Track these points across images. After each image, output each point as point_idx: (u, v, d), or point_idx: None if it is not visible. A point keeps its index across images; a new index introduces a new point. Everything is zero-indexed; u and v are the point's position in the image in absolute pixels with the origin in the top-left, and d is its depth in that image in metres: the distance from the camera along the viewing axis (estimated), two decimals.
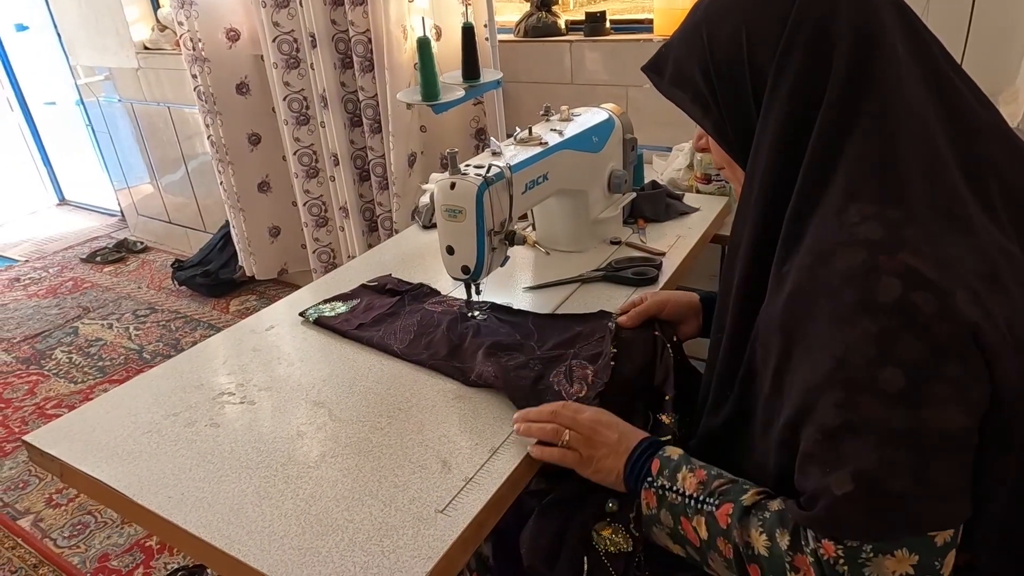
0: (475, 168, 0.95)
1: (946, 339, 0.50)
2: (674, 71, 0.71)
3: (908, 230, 0.53)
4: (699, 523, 0.64)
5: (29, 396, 2.29)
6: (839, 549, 0.53)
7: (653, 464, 0.69)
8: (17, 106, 3.93)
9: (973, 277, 0.52)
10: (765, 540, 0.58)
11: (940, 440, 0.50)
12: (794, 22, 0.60)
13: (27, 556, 1.65)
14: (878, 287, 0.51)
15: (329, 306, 1.10)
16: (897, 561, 0.51)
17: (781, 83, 0.61)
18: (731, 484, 0.64)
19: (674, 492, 0.66)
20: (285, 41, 2.09)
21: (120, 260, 3.32)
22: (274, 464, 0.78)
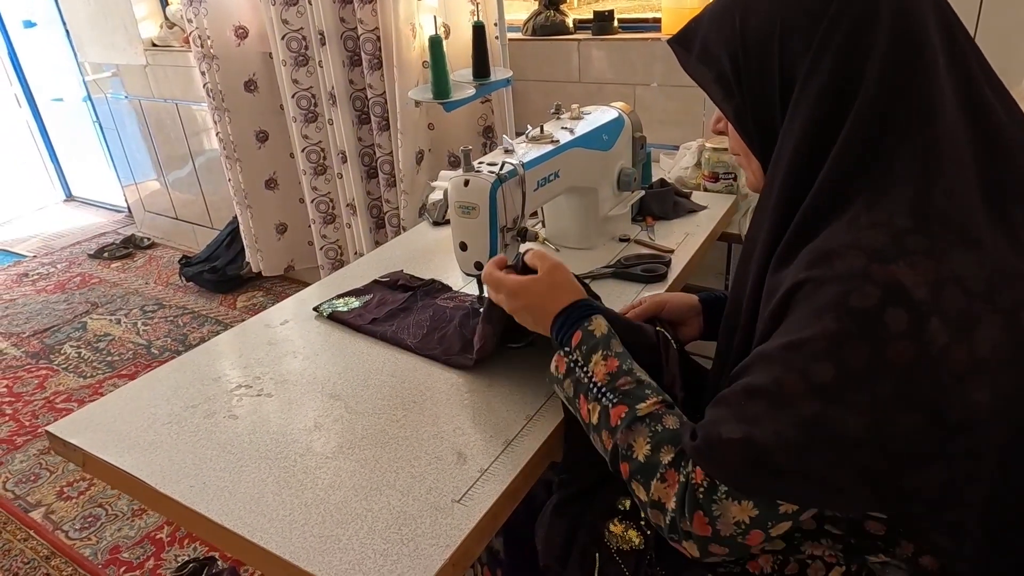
0: (488, 166, 0.97)
1: (896, 358, 0.51)
2: (701, 49, 0.69)
3: (912, 240, 0.53)
4: (593, 409, 0.69)
5: (39, 390, 2.31)
6: (705, 480, 0.59)
7: (575, 335, 0.74)
8: (25, 102, 3.95)
9: (968, 297, 0.52)
10: (648, 450, 0.64)
11: (830, 438, 0.53)
12: (832, 19, 0.58)
13: (39, 548, 1.67)
14: (857, 293, 0.52)
15: (342, 301, 1.12)
16: (740, 508, 0.57)
17: (811, 82, 0.59)
18: (635, 386, 0.69)
19: (582, 371, 0.71)
20: (294, 38, 2.11)
21: (127, 256, 3.34)
22: (292, 455, 0.79)
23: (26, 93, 3.95)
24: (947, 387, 0.52)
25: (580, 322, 0.75)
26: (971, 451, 0.54)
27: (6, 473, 1.93)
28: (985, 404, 0.52)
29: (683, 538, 0.61)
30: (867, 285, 0.52)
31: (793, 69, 0.61)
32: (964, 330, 0.52)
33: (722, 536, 0.59)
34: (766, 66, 0.63)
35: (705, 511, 0.59)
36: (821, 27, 0.59)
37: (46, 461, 1.96)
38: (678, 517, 0.60)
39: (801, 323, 0.55)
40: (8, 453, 2.01)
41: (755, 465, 0.56)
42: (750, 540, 0.58)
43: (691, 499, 0.60)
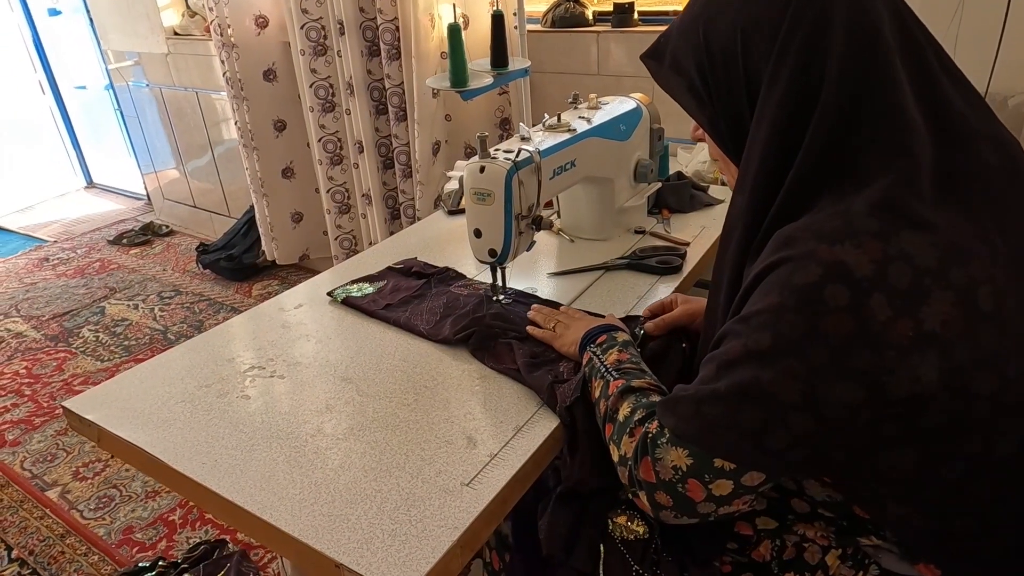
0: (504, 152, 0.97)
1: (831, 330, 0.54)
2: (671, 62, 0.71)
3: (863, 222, 0.56)
4: (598, 384, 0.78)
5: (57, 372, 2.34)
6: (656, 428, 0.65)
7: (601, 337, 0.85)
8: (49, 90, 4.00)
9: (917, 274, 0.53)
10: (628, 412, 0.71)
11: (762, 398, 0.57)
12: (789, 25, 0.60)
13: (55, 526, 1.69)
14: (801, 271, 0.55)
15: (356, 287, 1.12)
16: (678, 455, 0.62)
17: (774, 88, 0.61)
18: (636, 369, 0.77)
19: (598, 359, 0.81)
20: (313, 28, 2.12)
21: (146, 243, 3.38)
22: (303, 435, 0.80)
23: (50, 80, 4.00)
24: (890, 360, 0.53)
25: (608, 332, 0.86)
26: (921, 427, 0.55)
27: (24, 452, 1.96)
28: (933, 379, 0.53)
29: (638, 489, 0.66)
30: (811, 264, 0.55)
31: (757, 75, 0.63)
32: (911, 305, 0.53)
33: (663, 481, 0.63)
34: (732, 74, 0.65)
35: (651, 455, 0.64)
36: (780, 33, 0.61)
37: (63, 442, 1.99)
38: (633, 466, 0.66)
39: (755, 300, 0.59)
40: (26, 433, 2.04)
41: (694, 416, 0.61)
42: (691, 491, 0.62)
43: (642, 445, 0.65)
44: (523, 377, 0.87)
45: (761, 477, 0.60)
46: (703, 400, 0.61)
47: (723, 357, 0.60)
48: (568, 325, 0.92)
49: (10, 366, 2.39)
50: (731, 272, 0.68)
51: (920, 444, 0.56)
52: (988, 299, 0.55)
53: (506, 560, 0.94)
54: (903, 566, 0.66)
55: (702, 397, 0.61)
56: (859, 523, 0.68)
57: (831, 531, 0.70)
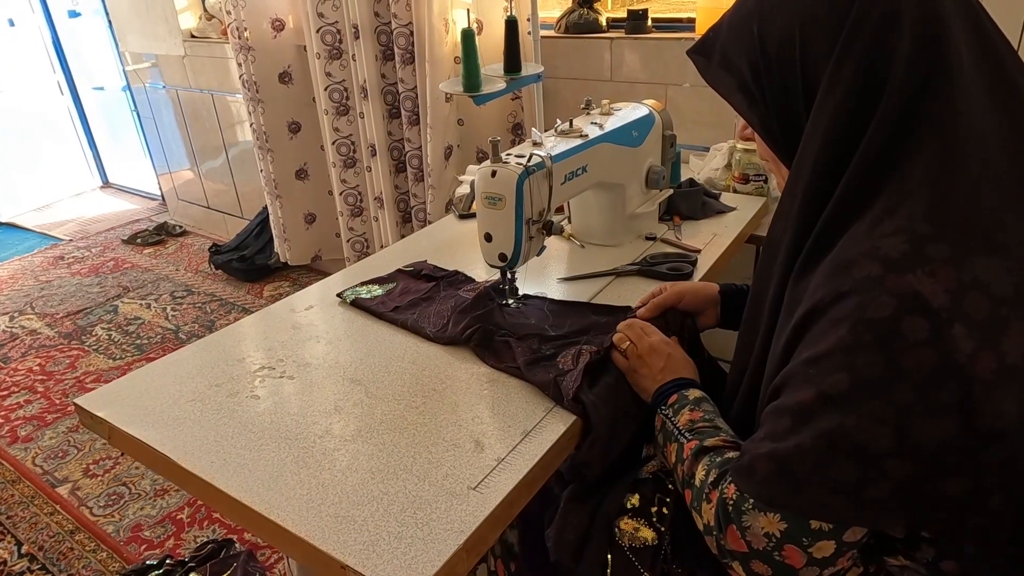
0: (516, 157, 0.97)
1: (916, 366, 0.50)
2: (721, 59, 0.69)
3: (933, 247, 0.52)
4: (672, 449, 0.74)
5: (70, 370, 2.36)
6: (736, 494, 0.60)
7: (672, 397, 0.79)
8: (67, 90, 4.06)
9: (993, 303, 0.51)
10: (703, 475, 0.66)
11: (853, 448, 0.53)
12: (852, 26, 0.58)
13: (64, 522, 1.70)
14: (873, 303, 0.52)
15: (366, 288, 1.13)
16: (769, 521, 0.58)
17: (834, 89, 0.58)
18: (710, 427, 0.72)
19: (670, 423, 0.76)
20: (328, 32, 2.13)
21: (160, 243, 3.41)
22: (312, 436, 0.80)
23: (68, 81, 4.05)
24: (976, 395, 0.50)
25: (680, 390, 0.80)
26: (1003, 461, 0.52)
27: (36, 449, 1.98)
28: (1014, 415, 0.51)
29: (730, 559, 0.62)
30: (883, 296, 0.51)
31: (815, 76, 0.60)
32: (991, 337, 0.50)
33: (757, 551, 0.59)
34: (788, 74, 0.62)
35: (736, 524, 0.59)
36: (842, 34, 0.58)
37: (74, 439, 2.00)
38: (718, 535, 0.61)
39: (819, 337, 0.55)
40: (38, 430, 2.06)
41: (778, 477, 0.56)
42: (789, 558, 0.57)
43: (723, 513, 0.61)
44: (524, 374, 0.87)
45: (862, 531, 0.57)
46: (786, 459, 0.56)
47: (796, 406, 0.56)
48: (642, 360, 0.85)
49: (24, 363, 2.42)
50: (778, 279, 0.65)
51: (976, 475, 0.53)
52: None
53: (511, 569, 0.94)
54: None
55: (783, 455, 0.56)
56: (888, 543, 0.65)
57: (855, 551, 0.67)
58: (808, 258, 0.61)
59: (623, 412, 0.83)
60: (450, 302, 1.06)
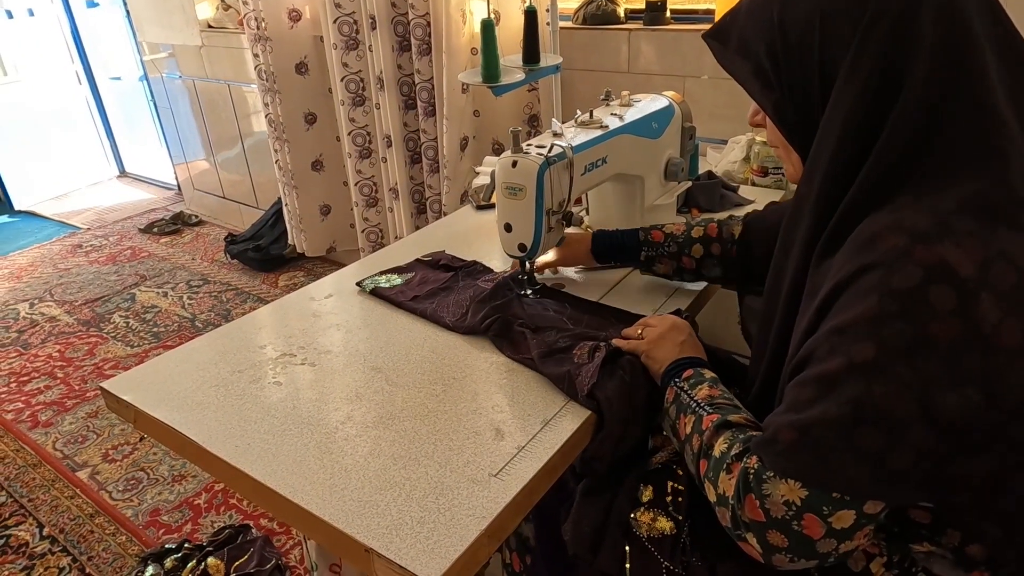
0: (537, 148, 0.97)
1: (942, 334, 0.51)
2: (738, 44, 0.68)
3: (958, 221, 0.53)
4: (688, 421, 0.73)
5: (89, 356, 2.39)
6: (757, 464, 0.60)
7: (687, 371, 0.79)
8: (85, 80, 4.09)
9: (1020, 274, 0.51)
10: (724, 447, 0.66)
11: (878, 416, 0.53)
12: (874, 13, 0.57)
13: (84, 506, 1.73)
14: (900, 273, 0.52)
15: (385, 278, 1.13)
16: (789, 488, 0.57)
17: (854, 77, 0.58)
18: (730, 405, 0.72)
19: (687, 395, 0.76)
20: (345, 22, 2.13)
21: (176, 232, 3.44)
22: (334, 422, 0.81)
23: (86, 71, 4.08)
24: (1002, 366, 0.51)
25: (695, 367, 0.80)
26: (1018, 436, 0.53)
27: (56, 434, 2.01)
28: None
29: (744, 531, 0.61)
30: (909, 265, 0.52)
31: (834, 63, 0.60)
32: (1017, 307, 0.51)
33: (775, 519, 0.58)
34: (806, 60, 0.62)
35: (756, 493, 0.59)
36: (864, 20, 0.58)
37: (93, 424, 2.03)
38: (736, 506, 0.61)
39: (844, 308, 0.55)
40: (58, 415, 2.09)
41: (801, 446, 0.56)
42: (808, 528, 0.57)
43: (744, 483, 0.61)
44: (538, 367, 0.87)
45: (881, 504, 0.57)
46: (809, 427, 0.56)
47: (820, 375, 0.56)
48: (656, 340, 0.85)
49: (44, 349, 2.45)
50: (796, 269, 0.65)
51: (1002, 453, 0.53)
52: None
53: (527, 562, 0.94)
54: (956, 573, 0.64)
55: (807, 424, 0.56)
56: (913, 529, 0.65)
57: (881, 537, 0.67)
58: (827, 245, 0.61)
59: (637, 409, 0.83)
60: (468, 292, 1.07)
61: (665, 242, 1.04)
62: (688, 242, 1.02)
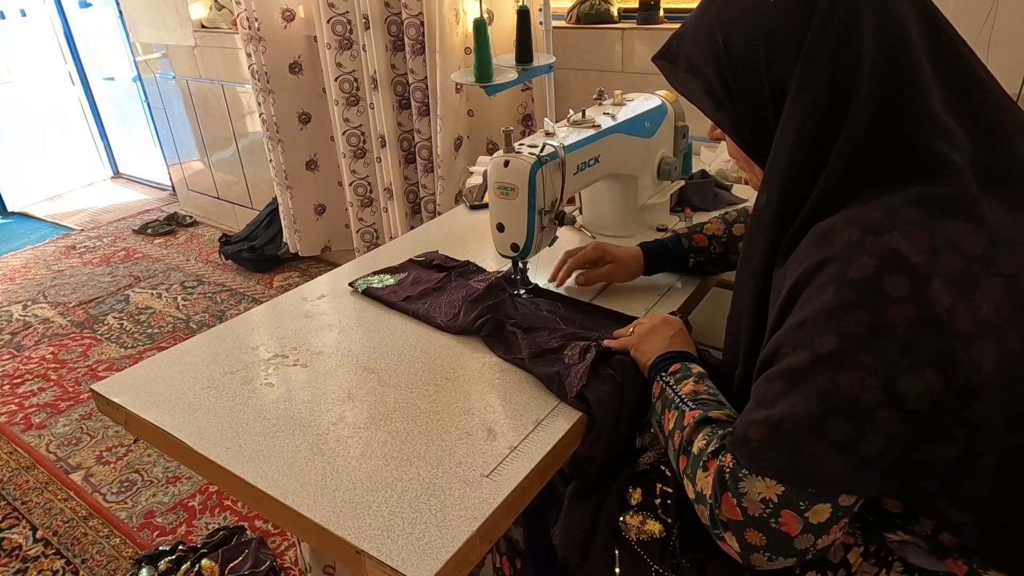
0: (529, 147, 0.97)
1: (899, 320, 0.52)
2: (687, 65, 0.70)
3: (907, 212, 0.55)
4: (672, 416, 0.73)
5: (82, 358, 2.38)
6: (732, 462, 0.61)
7: (674, 366, 0.79)
8: (78, 81, 4.07)
9: (966, 261, 0.53)
10: (703, 444, 0.66)
11: (845, 403, 0.54)
12: (815, 33, 0.59)
13: (78, 508, 1.73)
14: (855, 264, 0.54)
15: (378, 278, 1.13)
16: (765, 485, 0.58)
17: (802, 96, 0.60)
18: (714, 401, 0.72)
19: (671, 390, 0.76)
20: (339, 22, 2.13)
21: (170, 233, 3.43)
22: (325, 423, 0.81)
23: (80, 71, 4.07)
24: (955, 349, 0.52)
25: (683, 361, 0.80)
26: (983, 419, 0.54)
27: (49, 436, 2.00)
28: (992, 368, 0.52)
29: (723, 530, 0.62)
30: (863, 256, 0.54)
31: (782, 83, 0.62)
32: (966, 292, 0.53)
33: (752, 517, 0.58)
34: (755, 79, 0.64)
35: (732, 492, 0.59)
36: (806, 41, 0.60)
37: (87, 426, 2.03)
38: (714, 504, 0.62)
39: (806, 303, 0.57)
40: (52, 417, 2.08)
41: (773, 442, 0.57)
42: (786, 525, 0.57)
43: (719, 482, 0.61)
44: (529, 367, 0.87)
45: (855, 497, 0.57)
46: (780, 422, 0.57)
47: (786, 370, 0.57)
48: (646, 334, 0.86)
49: (37, 351, 2.44)
50: (758, 276, 0.66)
51: (966, 437, 0.55)
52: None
53: (517, 566, 0.94)
54: (931, 561, 0.65)
55: (777, 419, 0.57)
56: (887, 518, 0.66)
57: (857, 527, 0.68)
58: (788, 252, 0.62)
59: (628, 408, 0.83)
60: (461, 292, 1.07)
61: (710, 245, 1.05)
62: (732, 240, 1.03)
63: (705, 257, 1.05)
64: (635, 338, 0.87)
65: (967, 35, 0.64)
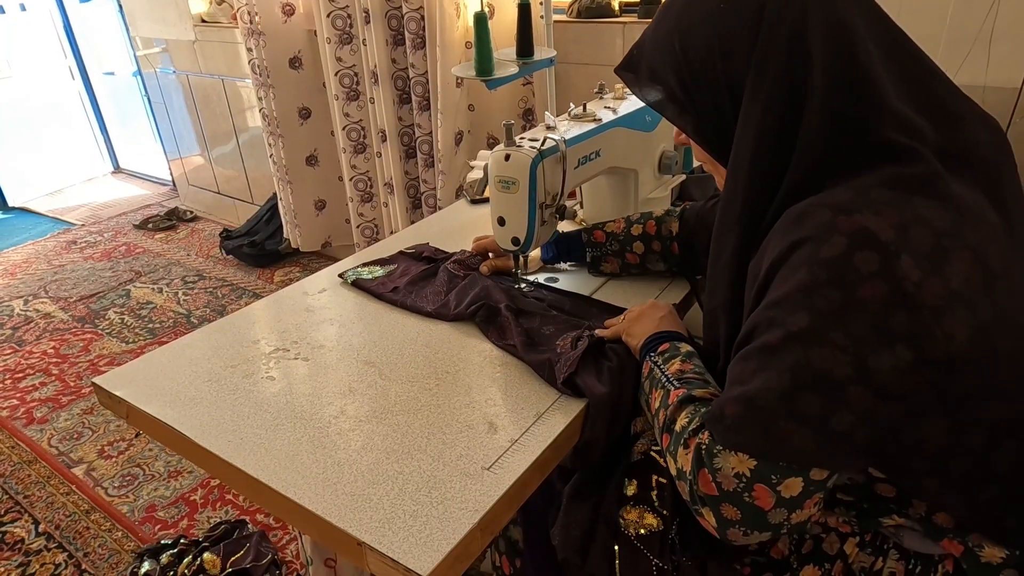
0: (530, 141, 0.97)
1: (870, 296, 0.54)
2: (649, 74, 0.72)
3: (876, 193, 0.57)
4: (658, 395, 0.74)
5: (84, 353, 2.39)
6: (708, 438, 0.62)
7: (663, 345, 0.80)
8: (78, 75, 4.07)
9: (936, 235, 0.55)
10: (684, 422, 0.67)
11: (816, 379, 0.55)
12: (765, 36, 0.62)
13: (80, 502, 1.73)
14: (826, 243, 0.55)
15: (367, 269, 1.14)
16: (739, 460, 0.59)
17: (758, 96, 0.62)
18: (699, 380, 0.73)
19: (659, 369, 0.77)
20: (339, 16, 2.13)
21: (171, 228, 3.43)
22: (327, 416, 0.81)
23: (80, 66, 4.06)
24: (926, 322, 0.53)
25: (672, 340, 0.81)
26: (963, 393, 0.55)
27: (51, 430, 2.00)
28: (965, 338, 0.54)
29: (701, 505, 0.63)
30: (835, 235, 0.55)
31: (739, 85, 0.64)
32: (936, 265, 0.54)
33: (727, 492, 0.60)
34: (713, 83, 0.66)
35: (708, 467, 0.61)
36: (757, 44, 0.62)
37: (89, 421, 2.03)
38: (692, 480, 0.63)
39: (780, 283, 0.58)
40: (53, 411, 2.08)
41: (746, 418, 0.58)
42: (759, 499, 0.59)
43: (697, 459, 0.62)
44: (521, 354, 0.88)
45: (827, 472, 0.58)
46: (753, 398, 0.58)
47: (760, 348, 0.58)
48: (636, 318, 0.88)
49: (38, 345, 2.45)
50: (733, 269, 0.68)
51: (951, 412, 0.56)
52: (997, 259, 0.57)
53: (517, 566, 0.94)
54: (927, 544, 0.66)
55: (751, 395, 0.58)
56: (881, 503, 0.67)
57: (852, 515, 0.69)
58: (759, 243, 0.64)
59: (625, 392, 0.84)
60: (444, 276, 1.08)
61: (608, 241, 1.07)
62: (629, 239, 1.05)
63: (600, 252, 1.08)
64: (625, 324, 0.88)
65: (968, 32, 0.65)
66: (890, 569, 0.67)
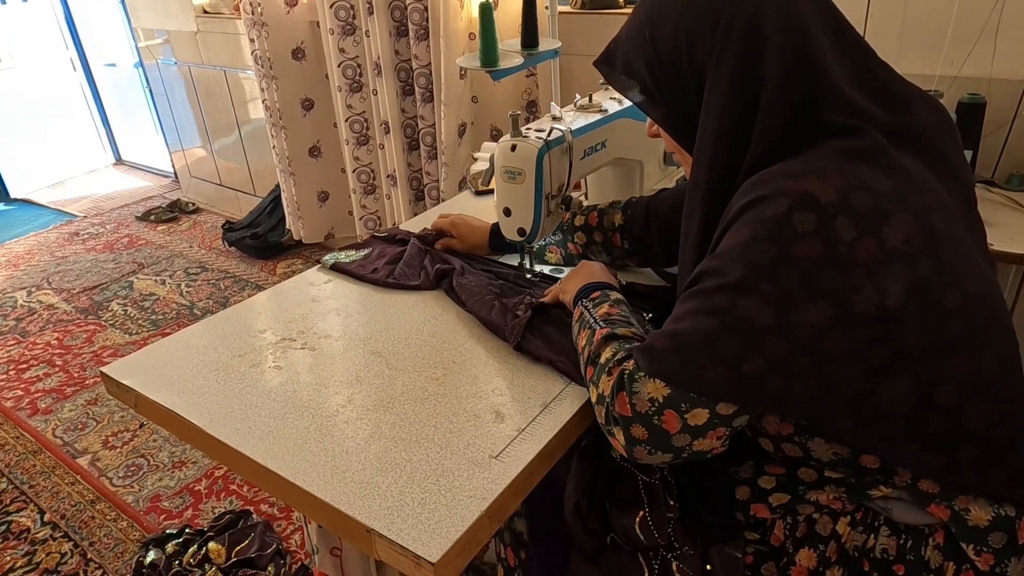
0: (536, 132, 0.97)
1: (803, 254, 0.57)
2: (624, 66, 0.76)
3: (826, 162, 0.61)
4: (585, 334, 0.80)
5: (87, 344, 2.39)
6: (633, 365, 0.67)
7: (594, 293, 0.86)
8: (80, 67, 4.06)
9: (877, 199, 0.58)
10: (608, 354, 0.72)
11: (738, 324, 0.59)
12: (725, 23, 0.66)
13: (85, 492, 1.74)
14: (770, 205, 0.59)
15: (344, 253, 1.17)
16: (655, 386, 0.64)
17: (719, 84, 0.66)
18: (623, 321, 0.78)
19: (588, 312, 0.82)
20: (342, 7, 2.12)
21: (173, 220, 3.43)
22: (334, 405, 0.81)
23: (81, 58, 4.05)
24: (857, 278, 0.57)
25: (603, 289, 0.86)
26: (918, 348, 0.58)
27: (56, 421, 2.01)
28: (899, 292, 0.57)
29: (613, 425, 0.67)
30: (780, 197, 0.59)
31: (702, 71, 0.68)
32: (873, 226, 0.58)
33: (639, 414, 0.64)
34: (680, 72, 0.70)
35: (627, 391, 0.65)
36: (718, 30, 0.66)
37: (93, 411, 2.04)
38: (610, 402, 0.68)
39: (727, 239, 0.63)
40: (58, 402, 2.09)
41: (671, 351, 0.63)
42: (667, 423, 0.63)
43: (618, 383, 0.67)
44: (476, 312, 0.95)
45: (734, 407, 0.62)
46: (680, 334, 0.63)
47: (697, 293, 0.63)
48: (570, 278, 0.94)
49: (42, 337, 2.45)
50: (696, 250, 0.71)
51: (909, 368, 0.59)
52: (942, 221, 0.61)
53: (521, 557, 0.95)
54: (914, 512, 0.69)
55: (678, 332, 0.63)
56: (868, 476, 0.69)
57: (842, 491, 0.71)
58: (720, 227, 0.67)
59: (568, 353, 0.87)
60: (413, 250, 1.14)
61: (553, 232, 1.09)
62: (571, 230, 1.08)
63: (545, 242, 1.12)
64: (559, 284, 0.94)
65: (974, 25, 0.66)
66: (882, 546, 0.69)
